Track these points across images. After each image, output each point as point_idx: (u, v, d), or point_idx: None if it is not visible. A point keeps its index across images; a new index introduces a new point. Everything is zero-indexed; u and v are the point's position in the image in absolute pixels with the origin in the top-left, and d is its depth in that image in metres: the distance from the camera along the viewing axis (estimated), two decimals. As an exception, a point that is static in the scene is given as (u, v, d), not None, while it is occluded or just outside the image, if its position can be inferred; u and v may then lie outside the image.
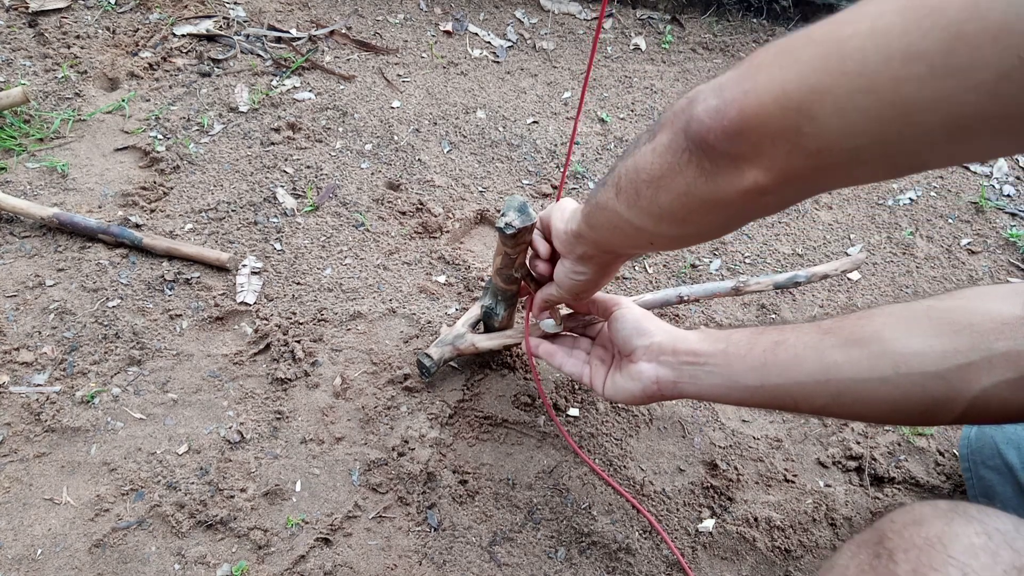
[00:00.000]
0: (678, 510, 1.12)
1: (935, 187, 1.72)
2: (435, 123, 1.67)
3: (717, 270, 1.47)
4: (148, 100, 1.61)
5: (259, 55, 1.75)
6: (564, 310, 1.10)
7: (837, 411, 0.74)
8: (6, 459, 1.06)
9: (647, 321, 0.94)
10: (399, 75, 1.77)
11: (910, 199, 1.69)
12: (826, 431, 1.25)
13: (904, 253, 1.57)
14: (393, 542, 1.05)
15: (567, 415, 1.21)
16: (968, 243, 1.61)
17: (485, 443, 1.17)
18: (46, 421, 1.10)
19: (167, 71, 1.68)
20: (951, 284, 1.53)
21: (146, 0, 1.80)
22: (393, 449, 1.12)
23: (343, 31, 1.85)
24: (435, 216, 1.46)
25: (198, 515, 1.03)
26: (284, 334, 1.23)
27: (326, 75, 1.74)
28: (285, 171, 1.51)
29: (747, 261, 1.49)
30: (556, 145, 1.66)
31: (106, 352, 1.19)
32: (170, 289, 1.29)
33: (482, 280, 1.38)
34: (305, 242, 1.39)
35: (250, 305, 1.28)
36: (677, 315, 1.37)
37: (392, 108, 1.68)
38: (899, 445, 1.25)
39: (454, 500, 1.10)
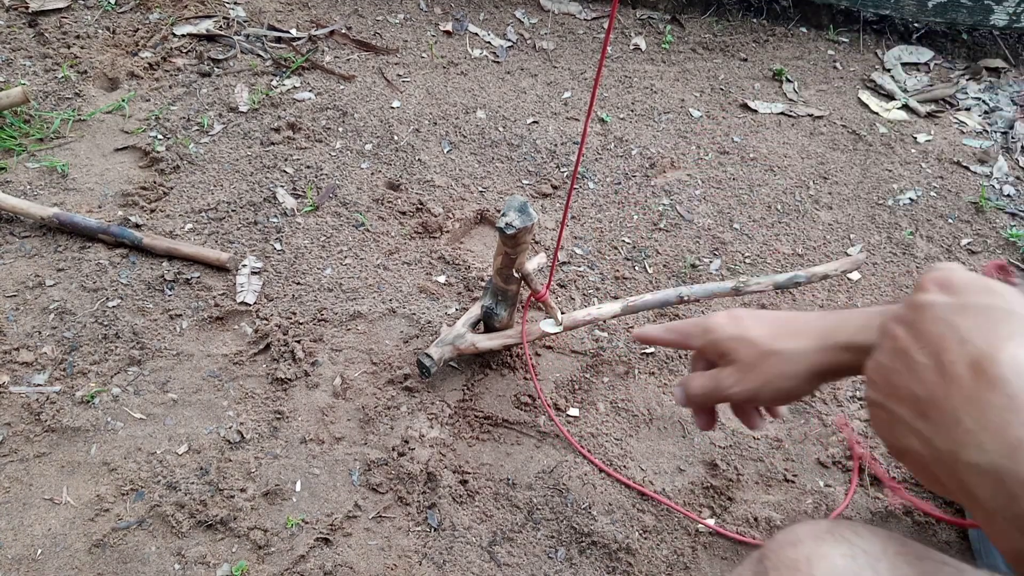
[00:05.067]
0: (678, 510, 1.12)
1: (935, 187, 1.72)
2: (435, 123, 1.67)
3: (717, 270, 1.47)
4: (148, 100, 1.61)
5: (259, 55, 1.75)
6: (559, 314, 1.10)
7: None
8: (6, 459, 1.06)
9: None
10: (399, 75, 1.77)
11: (910, 199, 1.69)
12: (826, 431, 1.25)
13: (904, 253, 1.57)
14: (393, 542, 1.05)
15: (567, 415, 1.21)
16: (968, 243, 1.61)
17: (485, 443, 1.17)
18: (46, 421, 1.10)
19: (167, 71, 1.68)
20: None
21: (146, 0, 1.80)
22: (393, 449, 1.12)
23: (343, 31, 1.85)
24: (435, 216, 1.46)
25: (198, 515, 1.03)
26: (284, 334, 1.23)
27: (326, 75, 1.73)
28: (285, 171, 1.51)
29: (747, 261, 1.49)
30: (556, 145, 1.66)
31: (106, 352, 1.19)
32: (170, 289, 1.29)
33: (482, 280, 1.37)
34: (305, 242, 1.39)
35: (250, 305, 1.28)
36: (677, 315, 1.37)
37: (392, 108, 1.68)
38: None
39: (454, 500, 1.10)
